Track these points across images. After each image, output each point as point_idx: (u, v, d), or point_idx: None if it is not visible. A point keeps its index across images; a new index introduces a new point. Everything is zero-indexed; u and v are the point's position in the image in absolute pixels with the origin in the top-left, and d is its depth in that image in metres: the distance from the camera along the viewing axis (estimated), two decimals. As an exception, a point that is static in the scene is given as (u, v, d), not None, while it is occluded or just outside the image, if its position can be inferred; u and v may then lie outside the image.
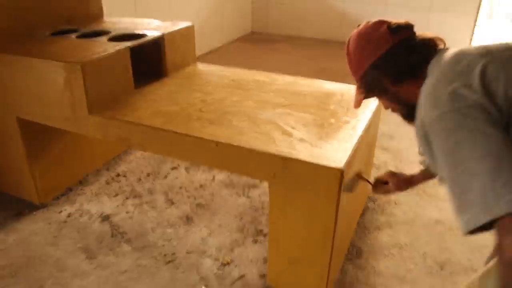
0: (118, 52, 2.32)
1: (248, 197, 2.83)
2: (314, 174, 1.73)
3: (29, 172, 2.68)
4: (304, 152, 1.79)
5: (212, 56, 5.84)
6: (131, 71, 2.40)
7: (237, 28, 6.55)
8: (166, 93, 2.42)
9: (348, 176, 1.78)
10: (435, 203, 2.80)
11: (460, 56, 1.13)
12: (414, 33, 1.31)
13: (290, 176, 1.78)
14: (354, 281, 2.19)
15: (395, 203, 2.79)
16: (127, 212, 2.71)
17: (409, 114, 1.31)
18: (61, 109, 2.31)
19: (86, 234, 2.54)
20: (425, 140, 1.12)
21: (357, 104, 1.48)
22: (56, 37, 2.62)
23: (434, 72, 1.17)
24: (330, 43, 6.38)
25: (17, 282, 2.21)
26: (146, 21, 2.93)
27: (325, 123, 2.06)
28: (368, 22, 1.36)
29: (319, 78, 2.74)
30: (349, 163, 1.76)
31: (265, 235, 2.48)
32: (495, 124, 0.97)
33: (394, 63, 1.28)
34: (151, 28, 2.73)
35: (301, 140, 1.89)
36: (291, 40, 6.56)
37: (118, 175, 3.09)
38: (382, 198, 2.84)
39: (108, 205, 2.78)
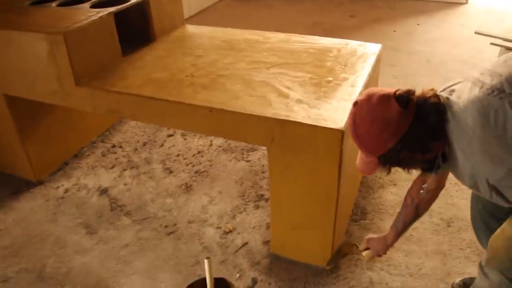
0: (102, 19, 2.21)
1: (247, 161, 2.77)
2: (314, 136, 1.65)
3: (22, 149, 2.60)
4: (302, 113, 1.71)
5: (202, 17, 5.67)
6: (117, 38, 2.29)
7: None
8: (155, 58, 2.32)
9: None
10: (439, 157, 2.74)
11: (486, 109, 1.14)
12: (417, 95, 1.25)
13: (289, 139, 1.70)
14: (360, 242, 2.15)
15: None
16: (125, 184, 2.66)
17: (429, 168, 1.33)
18: (47, 82, 2.21)
19: (85, 209, 2.49)
20: (481, 183, 1.21)
21: (369, 173, 1.40)
22: (36, 6, 2.50)
23: (468, 131, 1.16)
24: (323, -5, 6.19)
25: (20, 262, 2.18)
26: (129, -16, 2.79)
27: (322, 81, 1.97)
28: (370, 98, 1.25)
29: (314, 33, 2.63)
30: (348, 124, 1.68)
31: (266, 200, 2.43)
32: None
33: (418, 139, 1.22)
34: (135, -9, 2.60)
35: (298, 101, 1.81)
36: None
37: (113, 146, 3.02)
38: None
39: (105, 178, 2.72)
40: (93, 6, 2.42)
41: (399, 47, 4.43)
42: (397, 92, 1.22)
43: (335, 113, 1.71)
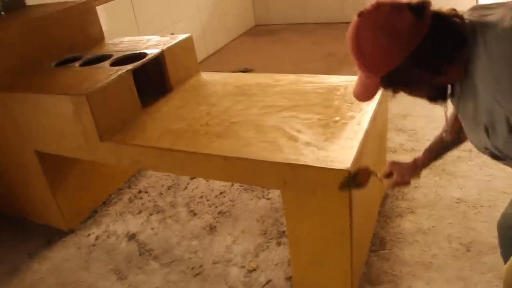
0: (121, 76, 2.37)
1: (268, 199, 2.86)
2: (322, 177, 1.75)
3: (53, 200, 2.76)
4: (310, 156, 1.81)
5: (219, 56, 5.86)
6: (136, 93, 2.44)
7: (240, 23, 6.55)
8: (172, 109, 2.46)
9: (357, 175, 1.78)
10: (455, 182, 2.79)
11: None
12: (434, 8, 1.13)
13: (300, 182, 1.80)
14: (380, 273, 2.21)
15: (415, 187, 2.79)
16: (152, 229, 2.77)
17: (436, 97, 1.23)
18: (74, 139, 2.37)
19: (115, 255, 2.61)
20: (499, 123, 1.07)
21: (368, 98, 1.31)
22: (61, 67, 2.68)
23: (501, 61, 1.04)
24: (333, 26, 6.32)
25: (55, 311, 2.29)
26: (145, 38, 2.97)
27: (330, 122, 2.07)
28: (379, 7, 1.12)
29: (329, 64, 2.70)
30: (356, 161, 1.77)
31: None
32: None
33: (431, 56, 1.11)
34: (151, 45, 2.77)
35: (307, 144, 1.91)
36: (295, 28, 6.53)
37: (139, 191, 3.16)
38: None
39: (133, 223, 2.84)
40: (113, 63, 2.59)
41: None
42: (412, 1, 1.09)
43: (342, 153, 1.81)
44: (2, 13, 3.00)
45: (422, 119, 3.55)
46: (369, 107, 2.17)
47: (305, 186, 1.80)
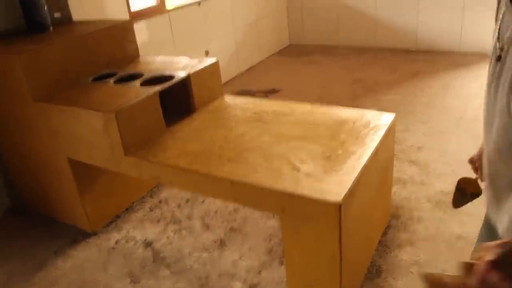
0: (148, 97, 2.60)
1: (278, 219, 3.04)
2: (316, 208, 1.92)
3: (80, 204, 3.01)
4: (308, 187, 1.98)
5: (250, 74, 6.08)
6: (161, 113, 2.67)
7: (275, 42, 6.77)
8: (193, 130, 2.68)
9: (351, 210, 1.95)
10: (458, 218, 2.90)
11: None
12: None
13: (297, 210, 1.98)
14: (372, 298, 2.36)
15: (418, 220, 2.92)
16: (167, 238, 2.99)
17: None
18: (102, 151, 2.61)
19: (131, 260, 2.83)
20: None
21: None
22: (97, 83, 2.94)
23: None
24: (365, 50, 6.48)
25: (72, 306, 2.53)
26: (176, 59, 3.20)
27: (332, 155, 2.24)
28: None
29: (354, 90, 2.81)
30: (349, 195, 1.94)
31: (290, 256, 2.68)
32: None
33: None
34: (180, 67, 3.00)
35: (308, 175, 2.08)
36: (327, 50, 6.70)
37: (160, 201, 3.39)
38: (405, 215, 2.97)
39: (151, 231, 3.07)
40: (143, 83, 2.82)
41: (434, 103, 4.61)
42: None
43: (337, 186, 1.97)
44: (50, 28, 3.28)
45: (435, 152, 3.67)
46: (372, 142, 2.33)
47: (300, 214, 1.98)
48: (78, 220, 3.12)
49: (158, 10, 4.60)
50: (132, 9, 4.30)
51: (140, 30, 4.31)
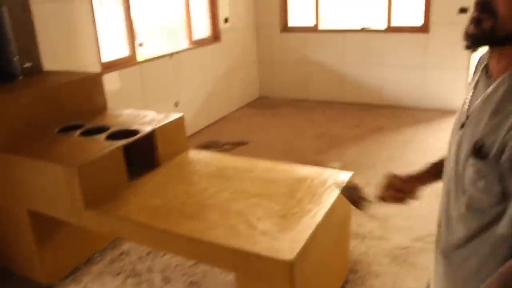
0: (112, 151, 2.65)
1: (236, 273, 3.07)
2: (269, 266, 1.98)
3: (38, 256, 2.98)
4: (263, 245, 2.04)
5: (220, 125, 6.19)
6: (124, 167, 2.72)
7: (245, 94, 6.92)
8: (155, 185, 2.72)
9: (305, 268, 2.01)
10: (414, 273, 2.98)
11: None
12: None
13: (251, 267, 2.03)
14: None
15: (376, 275, 2.98)
16: (126, 291, 2.98)
17: (486, 40, 0.99)
18: (63, 203, 2.63)
19: (88, 314, 2.80)
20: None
21: None
22: (62, 135, 2.97)
23: None
24: (332, 105, 6.69)
25: None
26: (143, 113, 3.28)
27: (288, 213, 2.31)
28: None
29: (319, 144, 2.88)
30: (302, 253, 2.00)
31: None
32: None
33: None
34: (146, 121, 3.07)
35: (263, 233, 2.14)
36: (296, 104, 6.88)
37: (121, 253, 3.38)
38: (364, 270, 3.03)
39: (109, 285, 3.04)
40: (109, 136, 2.88)
41: (394, 157, 4.77)
42: None
43: (291, 245, 2.04)
44: (20, 77, 3.33)
45: (395, 207, 3.75)
46: (328, 201, 2.41)
47: (255, 272, 2.03)
48: (35, 272, 3.07)
49: (130, 61, 4.70)
50: (104, 59, 4.39)
51: (111, 81, 4.39)
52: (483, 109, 1.00)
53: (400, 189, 1.47)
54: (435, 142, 5.07)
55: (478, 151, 0.96)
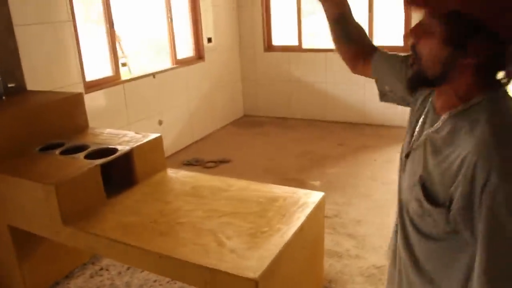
0: (89, 169, 2.74)
1: (211, 289, 3.14)
2: (235, 284, 2.06)
3: (19, 270, 3.05)
4: (230, 263, 2.13)
5: (204, 143, 6.29)
6: (101, 185, 2.80)
7: (229, 112, 7.03)
8: (132, 203, 2.81)
9: (271, 286, 2.10)
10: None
11: None
12: None
13: (218, 284, 2.11)
14: None
15: (346, 291, 3.07)
16: (103, 306, 3.04)
17: (419, 82, 1.03)
18: (42, 220, 2.71)
19: (64, 328, 2.87)
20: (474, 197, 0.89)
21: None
22: (43, 153, 3.06)
23: None
24: (315, 123, 6.81)
25: None
26: (122, 133, 3.38)
27: (258, 232, 2.40)
28: None
29: (302, 163, 2.93)
30: (268, 271, 2.09)
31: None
32: None
33: (485, 47, 0.91)
34: (124, 141, 3.16)
35: (232, 251, 2.23)
36: (279, 122, 7.00)
37: (101, 269, 3.45)
38: None
39: (88, 299, 3.12)
40: (88, 155, 2.97)
41: (377, 176, 4.86)
42: None
43: (257, 263, 2.13)
44: (3, 97, 3.43)
45: (374, 225, 3.87)
46: (298, 220, 2.51)
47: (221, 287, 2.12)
48: (15, 285, 3.14)
49: (113, 80, 4.80)
50: (88, 78, 4.49)
51: (95, 100, 4.48)
52: (426, 145, 1.04)
53: None
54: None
55: (423, 187, 1.00)
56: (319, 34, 8.85)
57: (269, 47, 7.05)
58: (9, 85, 3.54)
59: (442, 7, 0.92)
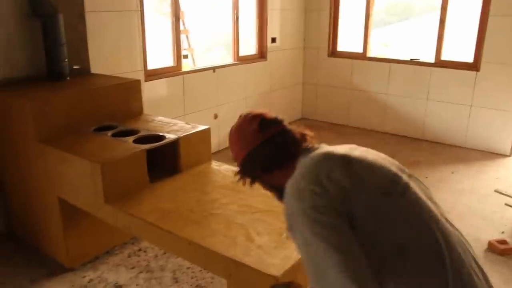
0: (136, 153, 2.87)
1: (241, 283, 3.20)
2: (258, 278, 2.10)
3: (63, 241, 3.23)
4: (255, 258, 2.17)
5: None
6: (145, 169, 2.92)
7: (287, 114, 7.03)
8: (172, 189, 2.91)
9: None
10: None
11: (325, 158, 1.40)
12: (283, 128, 1.54)
13: (242, 277, 2.16)
14: None
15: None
16: (137, 285, 3.17)
17: (281, 196, 1.45)
18: (86, 196, 2.86)
19: (98, 300, 3.01)
20: (289, 224, 1.35)
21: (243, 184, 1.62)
22: (96, 133, 3.22)
23: (302, 168, 1.40)
24: (372, 133, 6.72)
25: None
26: (173, 121, 3.49)
27: (286, 232, 2.42)
28: (247, 115, 1.57)
29: None
30: (290, 271, 2.11)
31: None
32: (343, 223, 1.22)
33: (262, 158, 1.49)
34: (174, 129, 3.27)
35: (259, 247, 2.27)
36: (336, 129, 6.96)
37: (139, 249, 3.58)
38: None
39: (123, 276, 3.25)
40: (136, 140, 3.09)
41: (425, 195, 4.74)
42: (264, 117, 1.52)
43: (282, 262, 2.15)
44: (68, 78, 3.63)
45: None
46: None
47: (245, 282, 2.16)
48: (59, 254, 3.33)
49: (174, 70, 4.96)
50: (150, 67, 4.66)
51: (154, 87, 4.65)
52: None
53: None
54: (471, 185, 4.99)
55: None
56: (392, 44, 8.73)
57: (333, 52, 7.02)
58: (74, 67, 3.75)
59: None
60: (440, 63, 6.15)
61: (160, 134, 3.17)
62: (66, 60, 3.57)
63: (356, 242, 1.22)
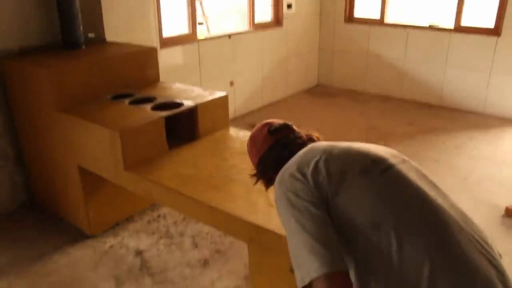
0: (154, 121, 2.87)
1: (260, 248, 3.23)
2: (279, 242, 2.11)
3: (84, 208, 3.28)
4: (276, 222, 2.18)
5: (273, 107, 6.34)
6: (164, 136, 2.93)
7: (302, 80, 7.01)
8: (191, 156, 2.92)
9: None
10: None
11: (309, 150, 1.50)
12: (290, 132, 1.68)
13: (263, 240, 2.18)
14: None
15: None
16: (157, 250, 3.22)
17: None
18: (106, 163, 2.88)
19: (120, 264, 3.07)
20: (277, 208, 1.46)
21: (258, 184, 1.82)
22: (114, 101, 3.23)
23: (291, 160, 1.51)
24: (389, 99, 6.66)
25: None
26: (190, 88, 3.49)
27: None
28: (259, 124, 1.74)
29: (368, 137, 2.90)
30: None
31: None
32: (318, 205, 1.31)
33: (271, 160, 1.63)
34: (191, 96, 3.26)
35: (279, 211, 2.28)
36: (352, 95, 6.90)
37: (159, 216, 3.63)
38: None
39: (144, 242, 3.31)
40: (154, 107, 3.10)
41: (442, 160, 4.72)
42: (272, 123, 1.69)
43: (301, 226, 2.17)
44: (83, 46, 3.63)
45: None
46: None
47: (266, 245, 2.18)
48: (80, 222, 3.39)
49: (189, 38, 4.92)
50: (165, 35, 4.63)
51: (169, 55, 4.63)
52: None
53: None
54: (488, 151, 4.95)
55: None
56: (407, 10, 8.55)
57: (350, 18, 6.90)
58: (89, 35, 3.74)
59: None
60: (459, 29, 6.02)
61: (178, 101, 3.17)
62: (81, 28, 3.55)
63: (330, 224, 1.30)
